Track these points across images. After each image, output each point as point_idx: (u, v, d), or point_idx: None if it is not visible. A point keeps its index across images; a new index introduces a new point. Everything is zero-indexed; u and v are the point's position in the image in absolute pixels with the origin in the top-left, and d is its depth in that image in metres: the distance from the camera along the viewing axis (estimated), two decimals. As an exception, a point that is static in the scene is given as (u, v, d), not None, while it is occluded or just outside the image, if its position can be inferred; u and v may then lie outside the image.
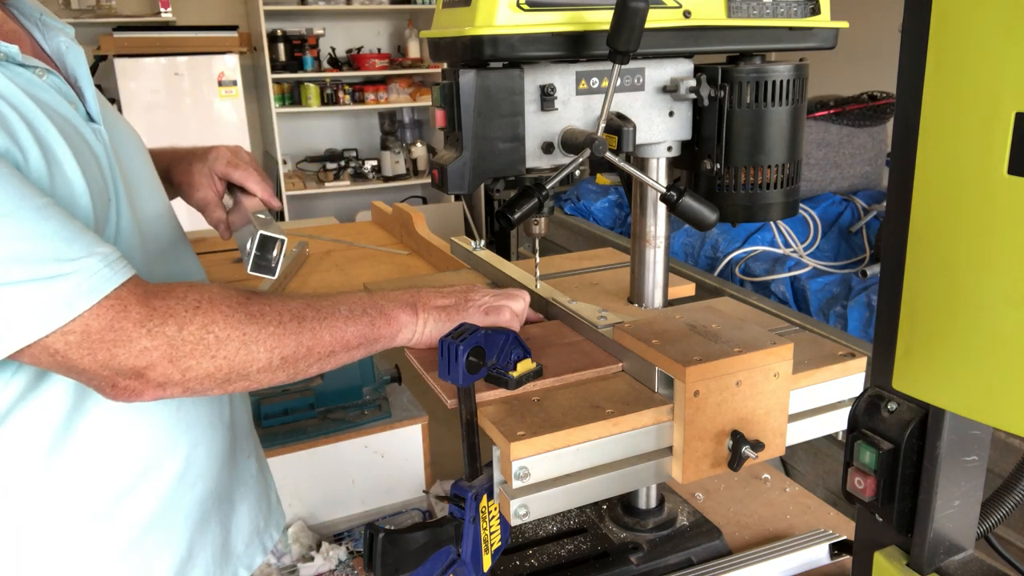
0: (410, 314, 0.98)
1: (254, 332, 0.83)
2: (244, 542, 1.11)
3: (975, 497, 0.68)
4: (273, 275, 0.89)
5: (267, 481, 1.22)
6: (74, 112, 0.88)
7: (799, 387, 1.01)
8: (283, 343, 0.85)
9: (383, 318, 0.95)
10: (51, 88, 0.86)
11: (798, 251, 2.66)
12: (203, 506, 1.02)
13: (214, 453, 1.03)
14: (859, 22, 1.55)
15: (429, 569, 0.91)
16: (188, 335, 0.79)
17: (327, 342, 0.89)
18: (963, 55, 0.54)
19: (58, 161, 0.81)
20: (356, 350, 0.93)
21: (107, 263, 0.76)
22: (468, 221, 5.39)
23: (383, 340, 0.96)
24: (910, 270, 0.61)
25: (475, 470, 0.94)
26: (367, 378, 1.68)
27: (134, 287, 0.78)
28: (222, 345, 0.81)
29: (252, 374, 0.84)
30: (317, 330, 0.88)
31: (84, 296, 0.74)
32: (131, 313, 0.76)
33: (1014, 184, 0.52)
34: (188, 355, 0.79)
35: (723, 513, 1.32)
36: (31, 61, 0.85)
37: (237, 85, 5.02)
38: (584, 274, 1.45)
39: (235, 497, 1.10)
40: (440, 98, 1.00)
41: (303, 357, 0.87)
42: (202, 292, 0.82)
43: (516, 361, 0.97)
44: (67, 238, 0.75)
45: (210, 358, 0.80)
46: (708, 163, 1.10)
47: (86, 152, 0.86)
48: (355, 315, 0.93)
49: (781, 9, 1.07)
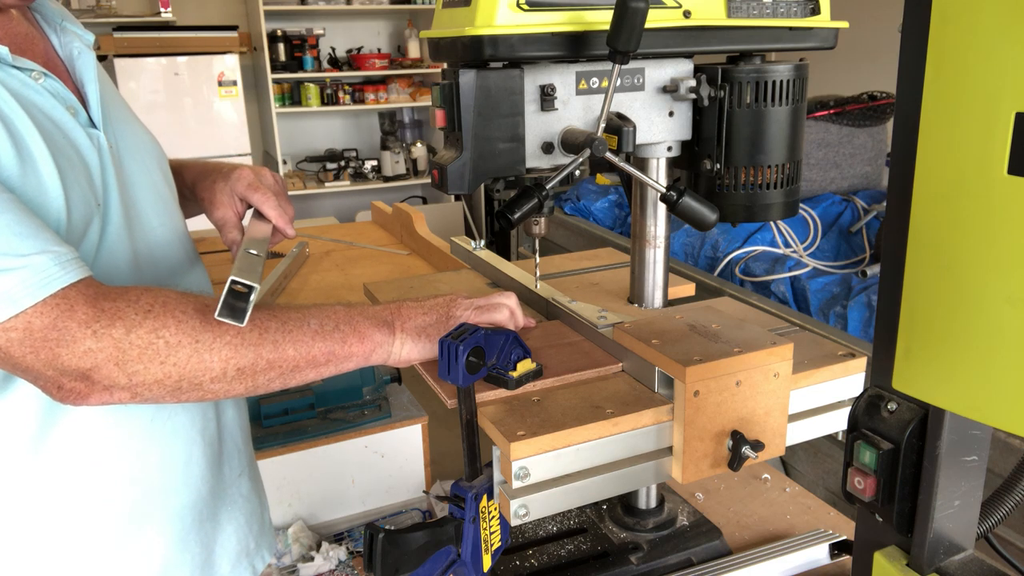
0: (386, 333, 0.93)
1: (208, 340, 0.80)
2: (230, 563, 1.08)
3: (975, 497, 0.68)
4: (242, 323, 0.81)
5: (260, 501, 1.18)
6: (70, 117, 0.88)
7: (799, 387, 1.01)
8: (240, 354, 0.82)
9: (355, 336, 0.91)
10: (46, 91, 0.86)
11: (798, 251, 2.66)
12: (180, 522, 1.00)
13: (193, 468, 1.00)
14: (859, 22, 1.55)
15: (429, 569, 0.91)
16: (136, 338, 0.77)
17: (290, 356, 0.85)
18: (963, 55, 0.54)
19: (33, 161, 0.80)
20: (324, 367, 0.89)
21: (58, 262, 0.75)
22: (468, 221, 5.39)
23: (355, 358, 0.91)
24: (910, 270, 0.61)
25: (475, 470, 0.94)
26: (367, 378, 1.69)
27: (84, 288, 0.76)
28: (172, 351, 0.78)
29: (205, 383, 0.81)
30: (280, 343, 0.85)
31: (28, 292, 0.73)
32: (77, 313, 0.75)
33: (1014, 184, 0.52)
34: (135, 359, 0.77)
35: (723, 513, 1.32)
36: (25, 64, 0.85)
37: (237, 85, 5.02)
38: (584, 274, 1.45)
39: (221, 516, 1.07)
40: (440, 98, 1.00)
41: (263, 370, 0.84)
42: (156, 296, 0.80)
43: (516, 361, 0.97)
44: (20, 233, 0.74)
45: (159, 363, 0.78)
46: (708, 163, 1.10)
47: (73, 157, 0.86)
48: (325, 331, 0.89)
49: (781, 9, 1.07)
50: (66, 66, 0.95)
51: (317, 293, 2.12)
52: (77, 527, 0.92)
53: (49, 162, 0.81)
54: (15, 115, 0.80)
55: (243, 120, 5.10)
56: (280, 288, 2.13)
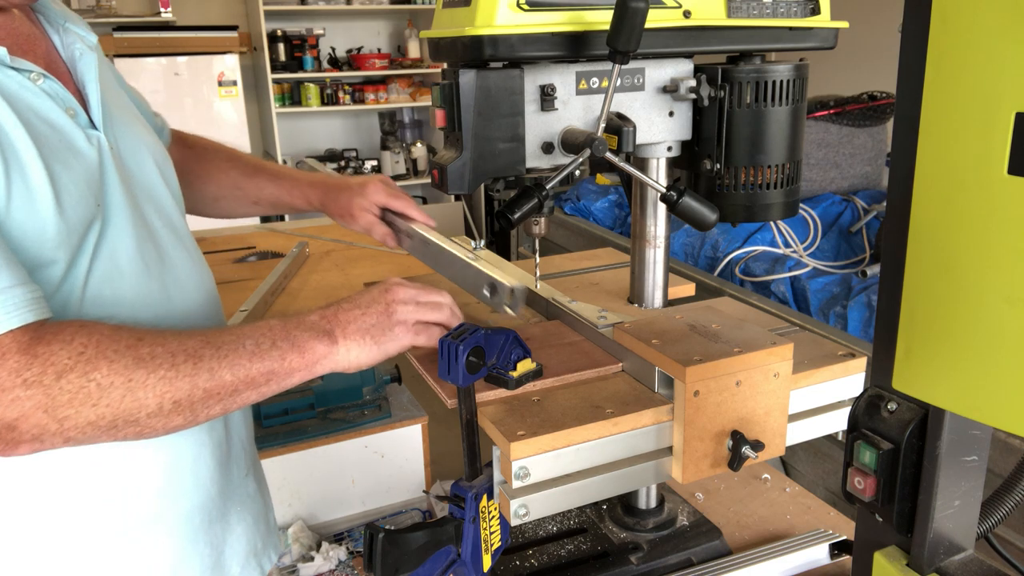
0: (327, 344, 0.90)
1: (141, 377, 0.78)
2: (240, 564, 1.08)
3: (975, 497, 0.68)
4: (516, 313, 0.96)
5: (265, 502, 1.18)
6: (68, 119, 0.88)
7: (799, 387, 1.01)
8: (175, 387, 0.80)
9: (295, 351, 0.88)
10: (44, 93, 0.86)
11: (798, 251, 2.66)
12: (190, 523, 1.00)
13: (202, 470, 1.01)
14: (859, 22, 1.55)
15: (429, 569, 0.91)
16: (67, 383, 0.75)
17: (228, 382, 0.84)
18: (963, 55, 0.54)
19: (20, 167, 0.80)
20: (266, 387, 0.87)
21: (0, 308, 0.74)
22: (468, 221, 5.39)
23: (298, 373, 0.89)
24: (910, 270, 0.61)
25: (475, 470, 0.94)
26: (367, 378, 1.69)
27: (20, 334, 0.75)
28: (104, 392, 0.76)
29: (142, 419, 0.79)
30: (216, 370, 0.83)
31: None
32: (8, 362, 0.73)
33: (1014, 184, 0.52)
34: (66, 404, 0.75)
35: (723, 513, 1.32)
36: (24, 65, 0.85)
37: (237, 85, 5.01)
38: (584, 274, 1.45)
39: (231, 517, 1.07)
40: (440, 98, 1.00)
41: (200, 400, 0.82)
42: (90, 336, 0.78)
43: (516, 361, 0.97)
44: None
45: (91, 406, 0.76)
46: (708, 163, 1.10)
47: (69, 159, 0.86)
48: (262, 350, 0.86)
49: (781, 9, 1.07)
50: (68, 67, 0.95)
51: (317, 293, 2.12)
52: (87, 528, 0.92)
53: (40, 169, 0.81)
54: (4, 118, 0.80)
55: (243, 120, 5.10)
56: (280, 288, 2.13)
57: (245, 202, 1.31)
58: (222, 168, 1.30)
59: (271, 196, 1.29)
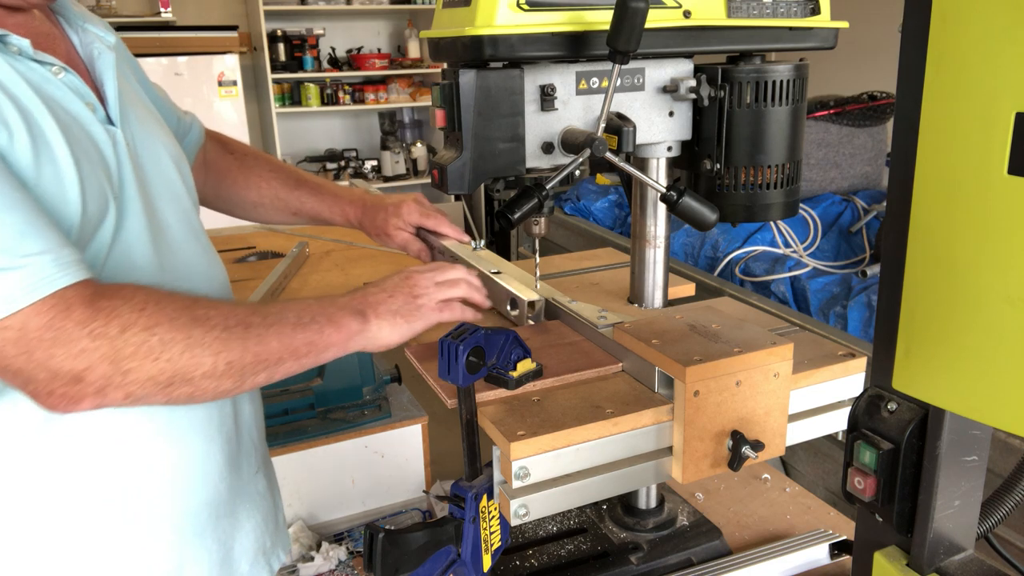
0: (361, 322, 0.95)
1: (199, 335, 0.82)
2: (248, 562, 1.09)
3: (975, 497, 0.68)
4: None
5: (275, 501, 1.19)
6: (88, 112, 0.90)
7: (799, 387, 1.01)
8: (229, 347, 0.84)
9: (332, 325, 0.93)
10: (65, 86, 0.88)
11: (798, 251, 2.66)
12: (196, 518, 1.00)
13: (211, 464, 1.01)
14: (859, 22, 1.55)
15: (429, 569, 0.91)
16: (131, 336, 0.78)
17: (274, 348, 0.87)
18: (963, 55, 0.54)
19: (49, 149, 0.82)
20: (305, 358, 0.91)
21: (58, 264, 0.76)
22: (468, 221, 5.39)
23: (333, 348, 0.93)
24: (910, 270, 0.61)
25: (475, 470, 0.94)
26: (367, 378, 1.69)
27: (82, 288, 0.78)
28: (165, 348, 0.79)
29: (196, 379, 0.82)
30: (264, 336, 0.87)
31: (26, 293, 0.74)
32: (74, 314, 0.76)
33: (1014, 184, 0.52)
34: (130, 357, 0.78)
35: (723, 513, 1.32)
36: (46, 58, 0.87)
37: (237, 85, 5.01)
38: (584, 274, 1.45)
39: (239, 513, 1.08)
40: (440, 98, 1.00)
41: (250, 364, 0.86)
42: (149, 294, 0.82)
43: (516, 361, 0.97)
44: (25, 233, 0.75)
45: (152, 360, 0.79)
46: (708, 163, 1.10)
47: (89, 149, 0.88)
48: (303, 322, 0.91)
49: (781, 9, 1.07)
50: (87, 66, 0.97)
51: (317, 293, 2.12)
52: (93, 522, 0.92)
53: (66, 151, 0.83)
54: (33, 106, 0.82)
55: (243, 120, 5.10)
56: (280, 288, 2.13)
57: (285, 212, 1.34)
58: (264, 177, 1.32)
59: (311, 209, 1.32)
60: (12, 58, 0.83)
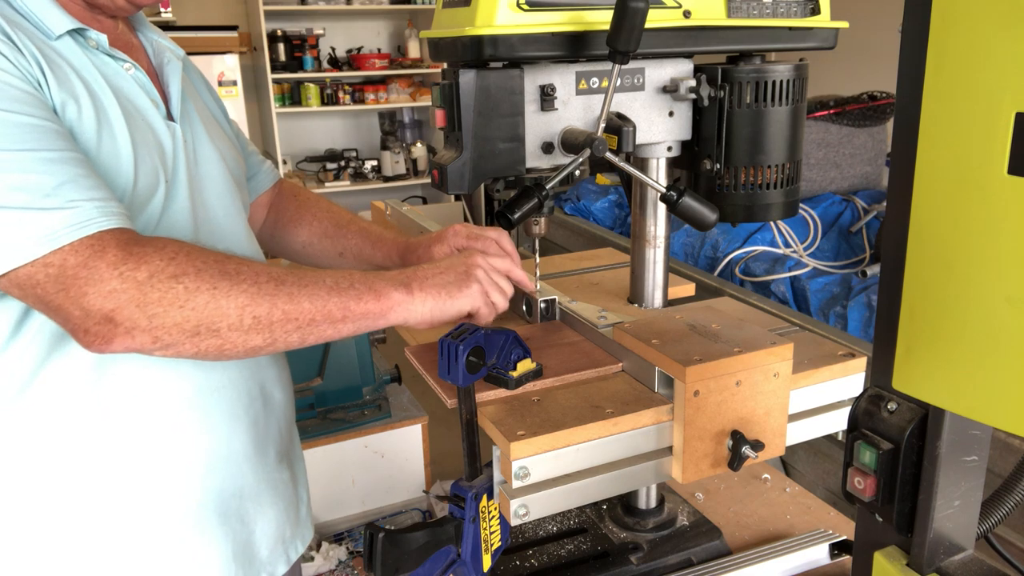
0: (404, 292, 0.94)
1: (225, 287, 0.84)
2: (268, 548, 1.11)
3: (975, 497, 0.68)
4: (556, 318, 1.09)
5: (299, 495, 1.21)
6: (152, 107, 0.97)
7: (799, 387, 1.01)
8: (256, 302, 0.85)
9: (371, 293, 0.92)
10: (134, 82, 0.97)
11: (798, 251, 2.66)
12: (219, 498, 1.02)
13: (236, 448, 1.03)
14: (859, 22, 1.55)
15: (429, 569, 0.91)
16: (157, 282, 0.81)
17: (307, 309, 0.88)
18: (963, 55, 0.54)
19: (110, 126, 0.90)
20: (342, 324, 0.91)
21: (101, 211, 0.81)
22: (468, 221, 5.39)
23: (371, 316, 0.92)
24: (910, 270, 0.61)
25: (475, 470, 0.94)
26: (367, 378, 1.69)
27: (119, 234, 0.82)
28: (191, 296, 0.82)
29: (223, 330, 0.84)
30: (296, 296, 0.88)
31: (68, 231, 0.79)
32: (107, 255, 0.80)
33: (1014, 184, 0.52)
34: (156, 302, 0.80)
35: (723, 513, 1.32)
36: (119, 55, 0.96)
37: (237, 85, 5.00)
38: (584, 274, 1.45)
39: (263, 500, 1.09)
40: (440, 98, 1.00)
41: (279, 321, 0.87)
42: (181, 246, 0.85)
43: (516, 361, 0.97)
44: (76, 182, 0.81)
45: (177, 308, 0.81)
46: (708, 163, 1.10)
47: (147, 133, 0.95)
48: (340, 288, 0.91)
49: (781, 9, 1.07)
50: (156, 72, 1.06)
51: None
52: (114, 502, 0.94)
53: (125, 131, 0.91)
54: (102, 92, 0.91)
55: (243, 120, 5.09)
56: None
57: (332, 252, 1.35)
58: (317, 216, 1.35)
59: (356, 248, 1.33)
60: (90, 52, 0.93)
